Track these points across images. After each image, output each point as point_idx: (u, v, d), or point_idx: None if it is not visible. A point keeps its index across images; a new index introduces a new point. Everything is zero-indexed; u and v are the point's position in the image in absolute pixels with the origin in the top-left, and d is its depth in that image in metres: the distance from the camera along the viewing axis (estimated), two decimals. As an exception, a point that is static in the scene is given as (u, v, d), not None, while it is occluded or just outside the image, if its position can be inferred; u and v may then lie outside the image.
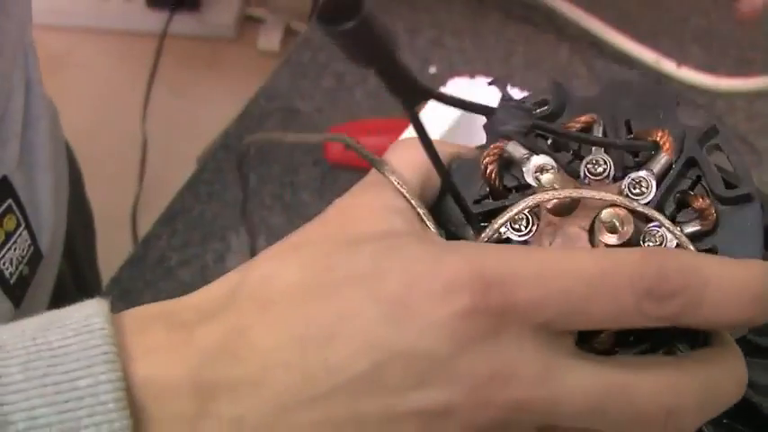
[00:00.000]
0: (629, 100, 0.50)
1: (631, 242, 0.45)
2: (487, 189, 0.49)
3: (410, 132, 0.71)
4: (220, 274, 0.83)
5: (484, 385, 0.37)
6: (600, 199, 0.48)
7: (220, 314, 0.39)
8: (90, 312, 0.39)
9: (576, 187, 0.48)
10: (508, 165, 0.50)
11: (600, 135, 0.50)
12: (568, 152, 0.49)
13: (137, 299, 0.83)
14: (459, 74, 0.77)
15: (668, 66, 0.95)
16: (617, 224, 0.45)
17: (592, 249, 0.40)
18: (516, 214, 0.45)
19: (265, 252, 0.42)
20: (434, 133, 0.71)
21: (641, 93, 0.51)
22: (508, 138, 0.49)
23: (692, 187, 0.48)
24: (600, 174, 0.48)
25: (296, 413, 0.38)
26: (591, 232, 0.48)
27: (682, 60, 0.97)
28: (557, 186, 0.47)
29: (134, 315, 0.40)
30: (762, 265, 0.39)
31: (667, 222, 0.45)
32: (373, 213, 0.43)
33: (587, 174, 0.48)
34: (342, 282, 0.39)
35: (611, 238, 0.46)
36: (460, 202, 0.48)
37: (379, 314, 0.37)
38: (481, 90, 0.72)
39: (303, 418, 0.38)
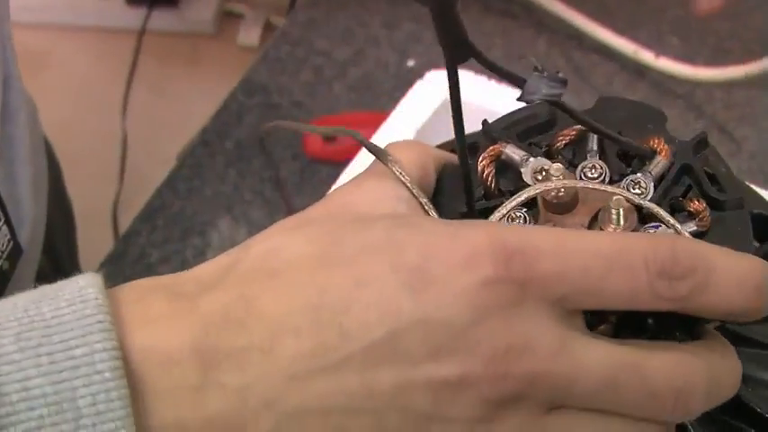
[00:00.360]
0: (618, 115, 0.52)
1: None
2: (482, 192, 0.50)
3: (390, 124, 0.72)
4: (200, 269, 0.83)
5: (501, 357, 0.36)
6: (603, 191, 0.49)
7: (224, 284, 0.38)
8: (83, 284, 0.38)
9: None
10: (503, 168, 0.51)
11: (595, 145, 0.51)
12: (562, 159, 0.50)
13: (117, 296, 0.82)
14: (437, 67, 0.77)
15: (647, 56, 0.95)
16: (622, 214, 0.46)
17: (608, 231, 0.40)
18: (521, 203, 0.45)
19: (265, 231, 0.41)
20: (409, 130, 0.71)
21: (630, 109, 0.52)
22: (505, 141, 0.50)
23: (684, 194, 0.49)
24: (596, 179, 0.50)
25: (306, 382, 0.36)
26: (590, 227, 0.49)
27: (660, 51, 0.97)
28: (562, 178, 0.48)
29: (132, 286, 0.40)
30: (762, 260, 0.40)
31: (668, 216, 0.45)
32: (377, 199, 0.43)
33: (584, 178, 0.49)
34: (357, 252, 0.38)
35: (614, 230, 0.47)
36: (469, 190, 0.48)
37: (398, 282, 0.37)
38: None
39: (314, 388, 0.37)
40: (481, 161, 0.49)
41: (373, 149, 0.47)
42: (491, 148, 0.50)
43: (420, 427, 0.37)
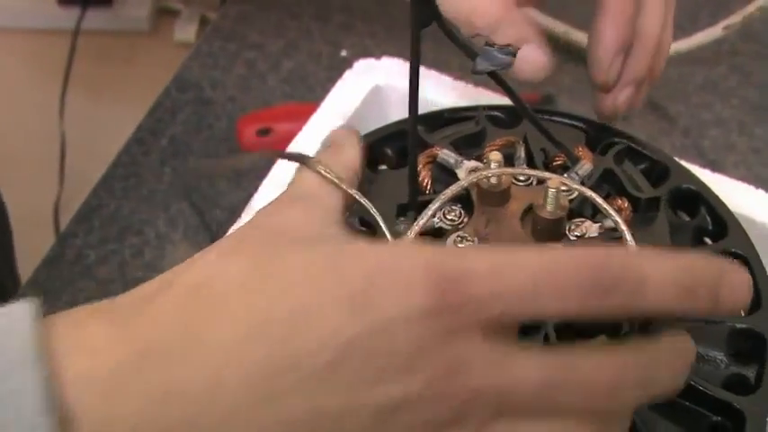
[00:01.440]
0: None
1: (561, 228, 0.48)
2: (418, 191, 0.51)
3: (319, 114, 0.71)
4: (139, 268, 0.83)
5: (441, 378, 0.37)
6: (533, 187, 0.52)
7: (164, 311, 0.38)
8: (16, 314, 0.37)
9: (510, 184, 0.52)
10: (438, 172, 0.54)
11: (522, 154, 0.55)
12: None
13: (55, 299, 0.81)
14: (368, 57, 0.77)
15: (578, 36, 0.96)
16: (560, 197, 0.49)
17: (540, 246, 0.42)
18: (457, 193, 0.46)
19: (204, 252, 0.41)
20: (339, 119, 0.71)
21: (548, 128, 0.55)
22: (439, 146, 0.54)
23: (606, 197, 0.53)
24: (524, 182, 0.53)
25: (252, 412, 0.37)
26: (522, 220, 0.50)
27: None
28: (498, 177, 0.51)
29: (68, 314, 0.39)
30: (695, 257, 0.41)
31: (602, 201, 0.47)
32: (307, 221, 0.44)
33: (513, 182, 0.53)
34: (297, 277, 0.38)
35: (549, 213, 0.49)
36: (414, 179, 0.50)
37: (339, 308, 0.37)
38: (387, 69, 0.73)
39: (260, 417, 0.37)
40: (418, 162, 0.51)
41: (299, 159, 0.48)
42: (426, 151, 0.52)
43: None
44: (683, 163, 0.60)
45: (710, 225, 0.59)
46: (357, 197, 0.47)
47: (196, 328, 0.37)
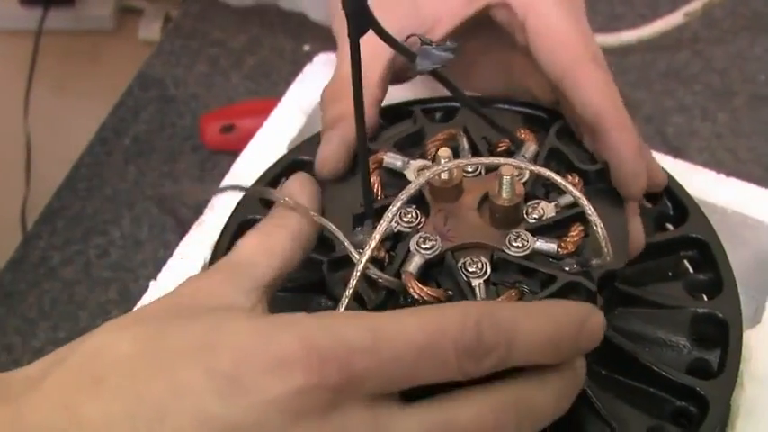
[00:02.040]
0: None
1: (518, 213, 0.48)
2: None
3: (281, 108, 0.71)
4: (105, 268, 0.82)
5: None
6: (484, 177, 0.52)
7: (50, 388, 0.39)
8: None
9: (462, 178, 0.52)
10: (387, 177, 0.53)
11: (466, 145, 0.55)
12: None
13: (20, 301, 0.81)
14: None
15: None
16: (514, 183, 0.49)
17: (418, 311, 0.41)
18: (411, 195, 0.46)
19: (98, 328, 0.42)
20: (300, 114, 0.70)
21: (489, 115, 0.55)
22: (383, 150, 0.53)
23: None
24: (474, 173, 0.53)
25: None
26: (480, 210, 0.50)
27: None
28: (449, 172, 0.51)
29: None
30: (559, 313, 0.42)
31: (557, 177, 0.47)
32: (218, 292, 0.44)
33: (465, 174, 0.52)
34: (174, 355, 0.39)
35: (505, 200, 0.49)
36: (367, 186, 0.49)
37: (211, 389, 0.37)
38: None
39: None
40: None
41: (268, 194, 0.50)
42: (372, 156, 0.53)
43: None
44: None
45: (671, 211, 0.59)
46: (328, 226, 0.48)
47: (77, 407, 0.38)
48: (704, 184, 0.67)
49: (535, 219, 0.51)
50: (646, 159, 0.53)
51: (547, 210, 0.51)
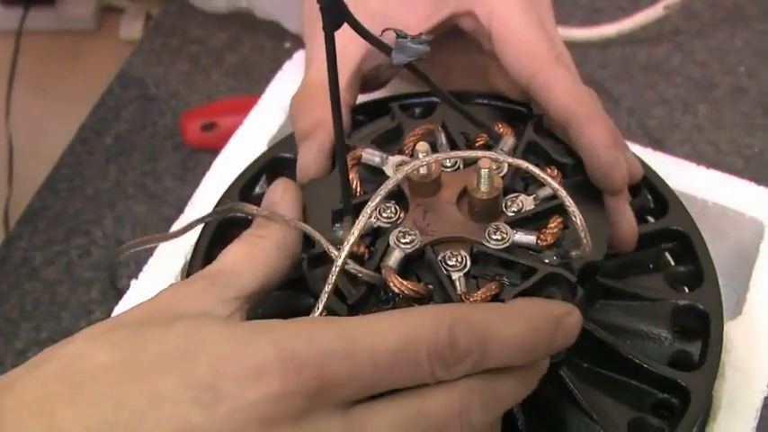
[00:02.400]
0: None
1: (497, 206, 0.48)
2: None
3: (261, 106, 0.71)
4: (87, 269, 0.82)
5: None
6: (463, 170, 0.52)
7: (28, 395, 0.39)
8: None
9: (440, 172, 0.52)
10: (366, 173, 0.53)
11: (444, 140, 0.55)
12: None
13: (2, 302, 0.81)
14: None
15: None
16: (493, 176, 0.49)
17: (393, 316, 0.42)
18: (390, 190, 0.46)
19: (77, 333, 0.42)
20: (280, 111, 0.70)
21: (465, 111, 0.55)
22: (362, 147, 0.53)
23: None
24: (452, 167, 0.53)
25: None
26: (458, 204, 0.50)
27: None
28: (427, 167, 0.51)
29: None
30: (541, 315, 0.43)
31: (535, 169, 0.47)
32: (195, 300, 0.44)
33: (444, 168, 0.52)
34: (151, 363, 0.39)
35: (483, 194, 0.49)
36: (346, 183, 0.50)
37: (189, 397, 0.38)
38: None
39: None
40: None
41: (250, 212, 0.50)
42: (350, 154, 0.53)
43: None
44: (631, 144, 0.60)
45: (652, 203, 0.59)
46: (313, 235, 0.48)
47: (53, 414, 0.38)
48: (685, 177, 0.67)
49: (514, 212, 0.51)
50: (623, 149, 0.53)
51: (526, 202, 0.51)
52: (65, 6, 2.12)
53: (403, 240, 0.49)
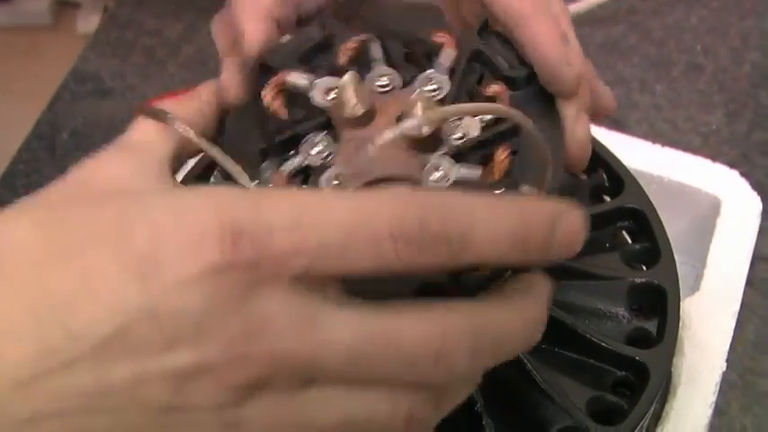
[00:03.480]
0: (392, 17, 0.50)
1: (438, 134, 0.44)
2: (275, 125, 0.47)
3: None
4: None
5: (238, 342, 0.35)
6: (398, 95, 0.46)
7: None
8: None
9: (372, 97, 0.47)
10: (293, 98, 0.48)
11: (380, 51, 0.49)
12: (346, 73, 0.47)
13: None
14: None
15: (475, 4, 0.95)
16: (431, 106, 0.44)
17: (353, 194, 0.37)
18: (315, 124, 0.44)
19: None
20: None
21: (403, 11, 0.51)
22: (287, 69, 0.48)
23: (479, 81, 0.48)
24: (387, 86, 0.47)
25: (35, 387, 0.35)
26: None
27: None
28: (356, 98, 0.45)
29: None
30: (525, 202, 0.38)
31: (471, 106, 0.44)
32: (119, 175, 0.41)
33: (374, 89, 0.47)
34: (83, 241, 0.35)
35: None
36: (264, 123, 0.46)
37: (125, 273, 0.35)
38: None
39: (44, 392, 0.35)
40: (265, 95, 0.47)
41: (150, 112, 0.46)
42: (274, 78, 0.48)
43: (164, 419, 0.36)
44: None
45: (607, 182, 0.59)
46: (209, 150, 0.44)
47: None
48: (642, 156, 0.67)
49: (458, 139, 0.45)
50: (574, 49, 0.49)
51: (471, 127, 0.46)
52: (20, 1, 2.11)
53: (335, 184, 0.44)
